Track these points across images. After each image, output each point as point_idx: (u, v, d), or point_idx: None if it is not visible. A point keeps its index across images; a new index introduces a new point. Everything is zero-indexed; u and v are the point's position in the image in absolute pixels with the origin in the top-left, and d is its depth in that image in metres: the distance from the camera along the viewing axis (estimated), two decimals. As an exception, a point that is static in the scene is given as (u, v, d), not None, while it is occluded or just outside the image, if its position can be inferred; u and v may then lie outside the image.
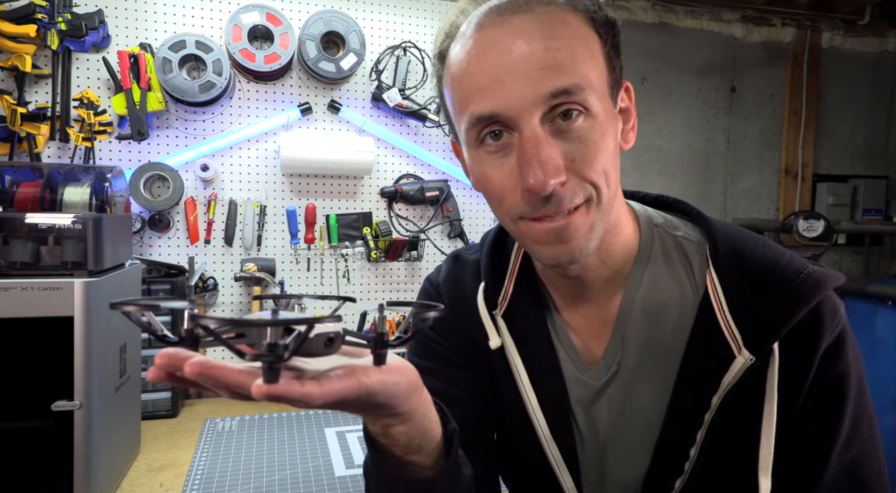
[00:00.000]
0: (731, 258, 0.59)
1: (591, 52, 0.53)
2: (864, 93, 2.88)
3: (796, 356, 0.56)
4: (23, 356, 1.27)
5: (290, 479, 1.44)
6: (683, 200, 0.68)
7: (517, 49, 0.50)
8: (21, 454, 1.26)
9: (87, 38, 1.80)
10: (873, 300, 2.47)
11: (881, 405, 2.33)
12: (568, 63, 0.50)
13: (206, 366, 0.34)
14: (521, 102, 0.50)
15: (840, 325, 0.56)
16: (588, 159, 0.52)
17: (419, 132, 2.23)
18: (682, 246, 0.63)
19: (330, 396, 0.36)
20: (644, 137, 2.63)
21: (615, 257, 0.61)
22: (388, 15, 2.17)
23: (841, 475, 0.57)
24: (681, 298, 0.61)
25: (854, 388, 0.57)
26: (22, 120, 1.75)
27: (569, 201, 0.53)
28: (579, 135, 0.52)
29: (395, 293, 2.24)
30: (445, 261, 0.75)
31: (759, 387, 0.56)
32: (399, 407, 0.44)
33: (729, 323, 0.56)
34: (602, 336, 0.64)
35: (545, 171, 0.50)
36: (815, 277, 0.56)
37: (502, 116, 0.51)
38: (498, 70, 0.51)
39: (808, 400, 0.57)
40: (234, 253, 2.06)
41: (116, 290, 1.42)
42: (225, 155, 2.04)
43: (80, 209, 1.57)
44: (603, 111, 0.53)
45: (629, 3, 2.46)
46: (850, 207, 2.83)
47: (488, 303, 0.67)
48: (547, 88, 0.50)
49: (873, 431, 0.59)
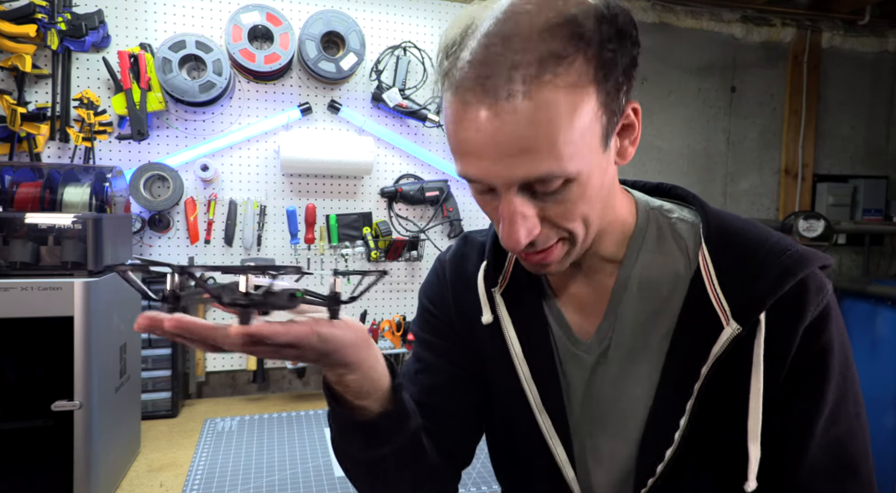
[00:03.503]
0: (722, 236, 0.62)
1: (575, 122, 0.51)
2: (864, 93, 2.88)
3: (781, 328, 0.58)
4: (23, 356, 1.27)
5: (290, 479, 1.44)
6: (681, 187, 0.72)
7: (496, 134, 0.51)
8: (21, 454, 1.26)
9: (87, 38, 1.80)
10: (873, 300, 2.47)
11: (881, 405, 2.32)
12: (547, 150, 0.51)
13: (182, 322, 0.42)
14: (498, 180, 0.54)
15: (825, 300, 0.59)
16: (564, 216, 0.57)
17: (419, 132, 2.23)
18: (678, 227, 0.66)
19: (290, 335, 0.45)
20: (644, 137, 2.63)
21: (612, 241, 0.66)
22: (388, 15, 2.17)
23: (827, 452, 0.59)
24: (674, 274, 0.64)
25: (838, 363, 0.59)
26: (22, 120, 1.75)
27: (542, 244, 0.58)
28: (556, 197, 0.55)
29: (396, 293, 2.24)
30: (456, 240, 0.81)
31: (747, 358, 0.58)
32: (348, 357, 0.53)
33: (718, 296, 0.59)
34: (597, 313, 0.68)
35: (515, 239, 0.55)
36: (801, 253, 0.59)
37: (483, 182, 0.55)
38: (477, 147, 0.53)
39: (792, 373, 0.59)
40: (234, 253, 2.06)
41: (116, 290, 1.42)
42: (225, 155, 2.04)
43: (80, 209, 1.57)
44: (587, 168, 0.55)
45: (629, 3, 2.46)
46: (850, 207, 2.82)
47: (489, 281, 0.72)
48: (520, 174, 0.52)
49: (859, 409, 0.61)
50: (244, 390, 2.13)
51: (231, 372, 2.11)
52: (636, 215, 0.67)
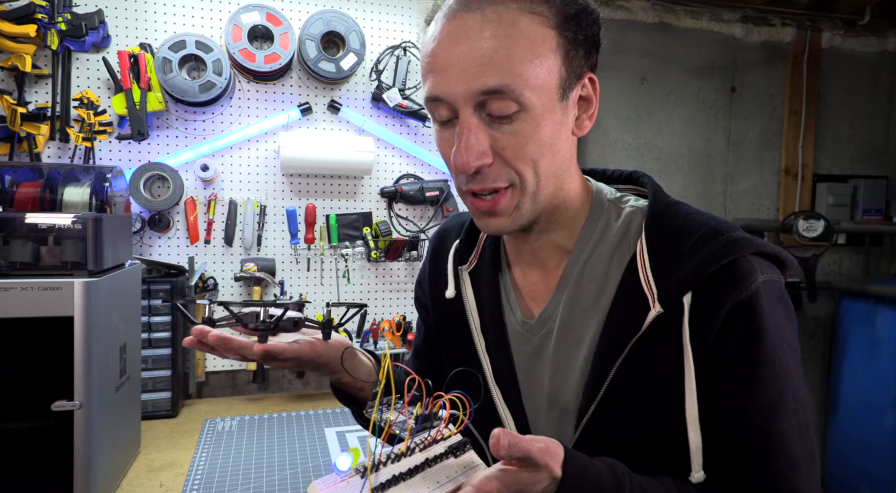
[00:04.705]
0: (661, 223, 0.64)
1: (534, 50, 0.57)
2: (864, 93, 2.88)
3: (703, 311, 0.59)
4: (23, 356, 1.27)
5: (290, 479, 1.44)
6: (643, 173, 0.74)
7: (461, 44, 0.57)
8: (21, 454, 1.26)
9: (87, 38, 1.80)
10: (873, 300, 2.47)
11: (881, 405, 2.33)
12: (502, 62, 0.56)
13: (222, 337, 0.61)
14: (457, 91, 0.58)
15: (753, 287, 0.59)
16: (515, 150, 0.59)
17: (419, 132, 2.23)
18: (627, 215, 0.68)
19: (295, 353, 0.63)
20: (644, 137, 2.63)
21: (563, 228, 0.69)
22: (388, 15, 2.17)
23: (767, 447, 0.58)
24: (616, 262, 0.66)
25: (771, 354, 0.59)
26: (22, 120, 1.75)
27: (492, 181, 0.61)
28: (510, 127, 0.58)
29: (395, 293, 2.24)
30: (451, 214, 0.89)
31: (678, 342, 0.60)
32: (337, 366, 0.69)
33: (649, 279, 0.61)
34: (544, 298, 0.71)
35: (468, 155, 0.58)
36: (733, 239, 0.60)
37: (444, 100, 0.59)
38: (444, 61, 0.58)
39: (719, 358, 0.59)
40: (234, 253, 2.06)
41: (116, 290, 1.42)
42: (225, 155, 2.04)
43: (80, 209, 1.57)
44: (540, 105, 0.58)
45: (629, 3, 2.46)
46: (850, 207, 2.82)
47: (458, 258, 0.78)
48: (477, 85, 0.56)
49: (797, 406, 0.60)
50: (244, 390, 2.13)
51: (231, 372, 2.11)
52: (590, 206, 0.69)
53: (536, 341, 0.70)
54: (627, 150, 2.60)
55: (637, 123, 2.60)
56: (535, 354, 0.71)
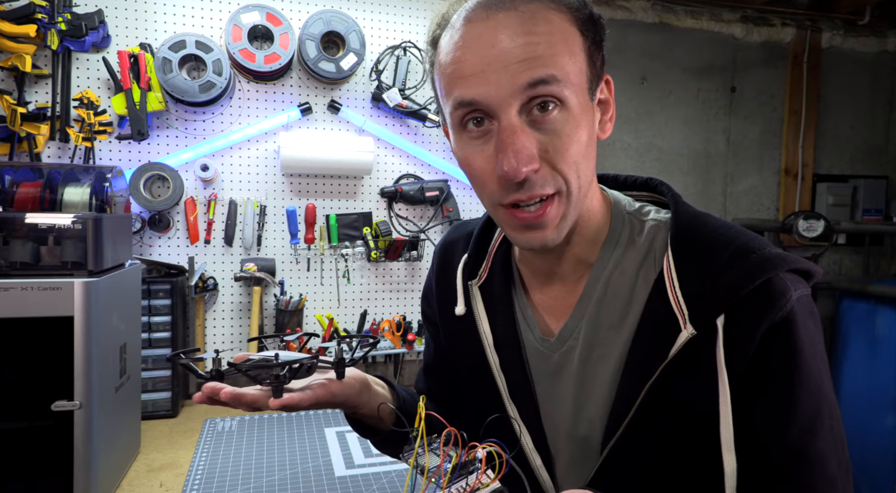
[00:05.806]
0: (688, 238, 0.61)
1: (570, 47, 0.56)
2: (864, 93, 2.88)
3: (738, 332, 0.57)
4: (23, 356, 1.27)
5: (290, 479, 1.44)
6: (660, 180, 0.71)
7: (499, 43, 0.54)
8: (21, 454, 1.26)
9: (87, 38, 1.80)
10: (873, 300, 2.47)
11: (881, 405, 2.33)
12: (546, 56, 0.54)
13: (235, 393, 0.59)
14: (500, 92, 0.54)
15: (788, 306, 0.56)
16: (560, 150, 0.56)
17: (419, 132, 2.23)
18: (650, 229, 0.66)
19: (312, 400, 0.62)
20: (644, 137, 2.63)
21: (585, 241, 0.66)
22: (388, 15, 2.17)
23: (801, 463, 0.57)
24: (643, 278, 0.64)
25: (808, 373, 0.57)
26: (22, 120, 1.75)
27: (539, 188, 0.57)
28: (553, 126, 0.56)
29: (395, 293, 2.24)
30: (454, 225, 0.84)
31: (712, 363, 0.57)
32: (354, 401, 0.68)
33: (678, 299, 0.59)
34: (565, 314, 0.68)
35: (518, 159, 0.54)
36: (766, 256, 0.57)
37: (482, 104, 0.55)
38: (480, 61, 0.55)
39: (755, 380, 0.57)
40: (234, 253, 2.06)
41: (116, 290, 1.42)
42: (225, 155, 2.04)
43: (80, 209, 1.57)
44: (578, 104, 0.56)
45: (629, 3, 2.46)
46: (850, 207, 2.83)
47: (467, 273, 0.75)
48: (524, 78, 0.53)
49: (833, 422, 0.59)
50: (244, 391, 2.13)
51: (231, 372, 2.11)
52: (610, 218, 0.67)
53: (557, 359, 0.67)
54: (627, 150, 2.60)
55: (637, 123, 2.60)
56: (556, 372, 0.68)
